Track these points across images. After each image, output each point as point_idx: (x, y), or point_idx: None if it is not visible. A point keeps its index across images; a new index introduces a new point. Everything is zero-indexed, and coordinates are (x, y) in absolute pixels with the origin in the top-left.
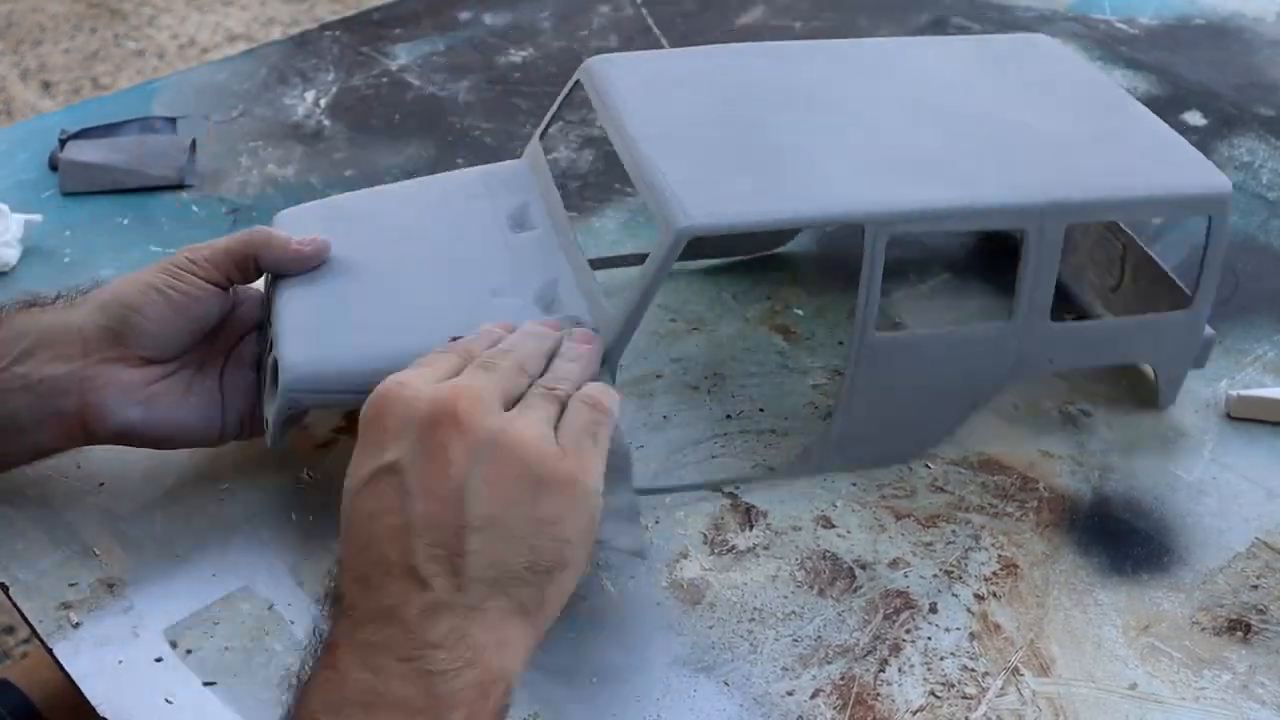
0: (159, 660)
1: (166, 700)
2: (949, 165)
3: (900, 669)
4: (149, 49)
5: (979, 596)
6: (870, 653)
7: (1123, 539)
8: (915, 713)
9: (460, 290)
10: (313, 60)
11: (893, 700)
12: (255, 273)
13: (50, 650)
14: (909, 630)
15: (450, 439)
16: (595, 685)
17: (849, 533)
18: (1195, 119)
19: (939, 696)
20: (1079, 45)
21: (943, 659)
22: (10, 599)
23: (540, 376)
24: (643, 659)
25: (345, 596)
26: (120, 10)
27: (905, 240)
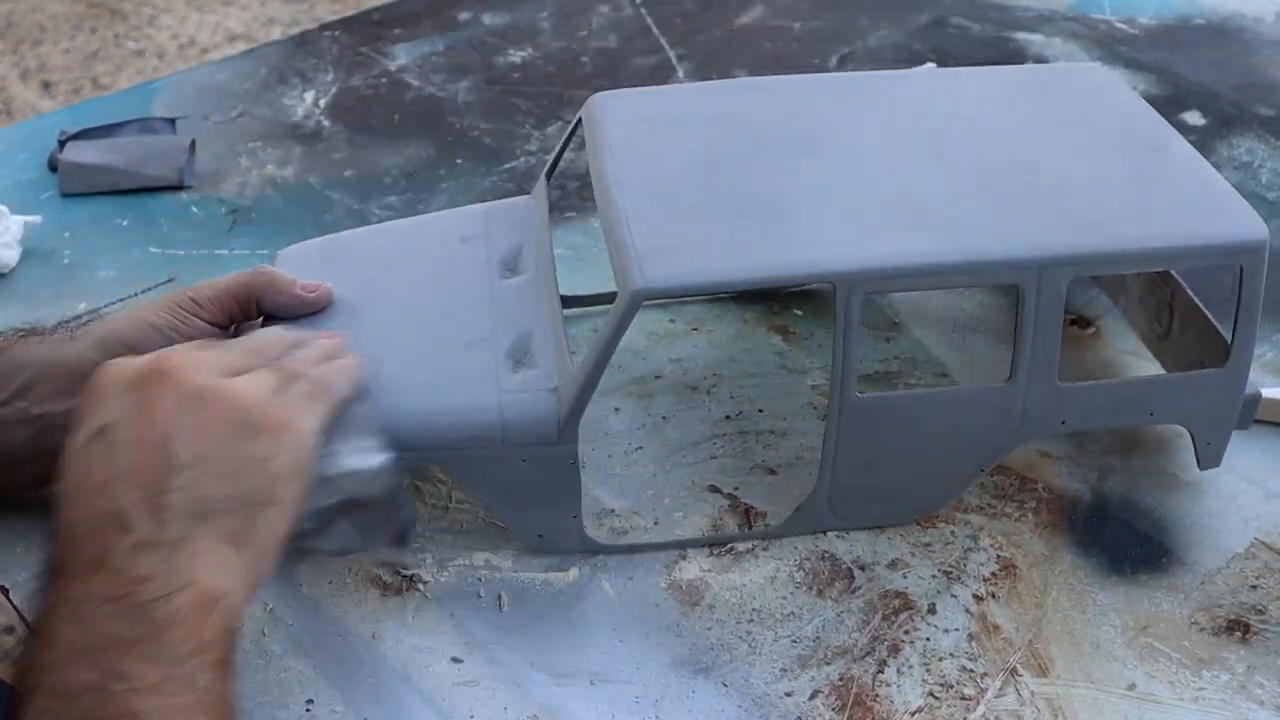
0: None
1: None
2: (944, 214)
3: (899, 670)
4: (149, 49)
5: (978, 597)
6: (869, 653)
7: (1121, 539)
8: (914, 713)
9: (436, 342)
10: (312, 60)
11: (891, 701)
12: (258, 313)
13: None
14: (908, 631)
15: (159, 392)
16: (594, 686)
17: (847, 533)
18: (1195, 119)
19: (938, 697)
20: (1079, 45)
21: (941, 660)
22: (10, 601)
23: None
24: (641, 660)
25: (54, 560)
26: (120, 10)
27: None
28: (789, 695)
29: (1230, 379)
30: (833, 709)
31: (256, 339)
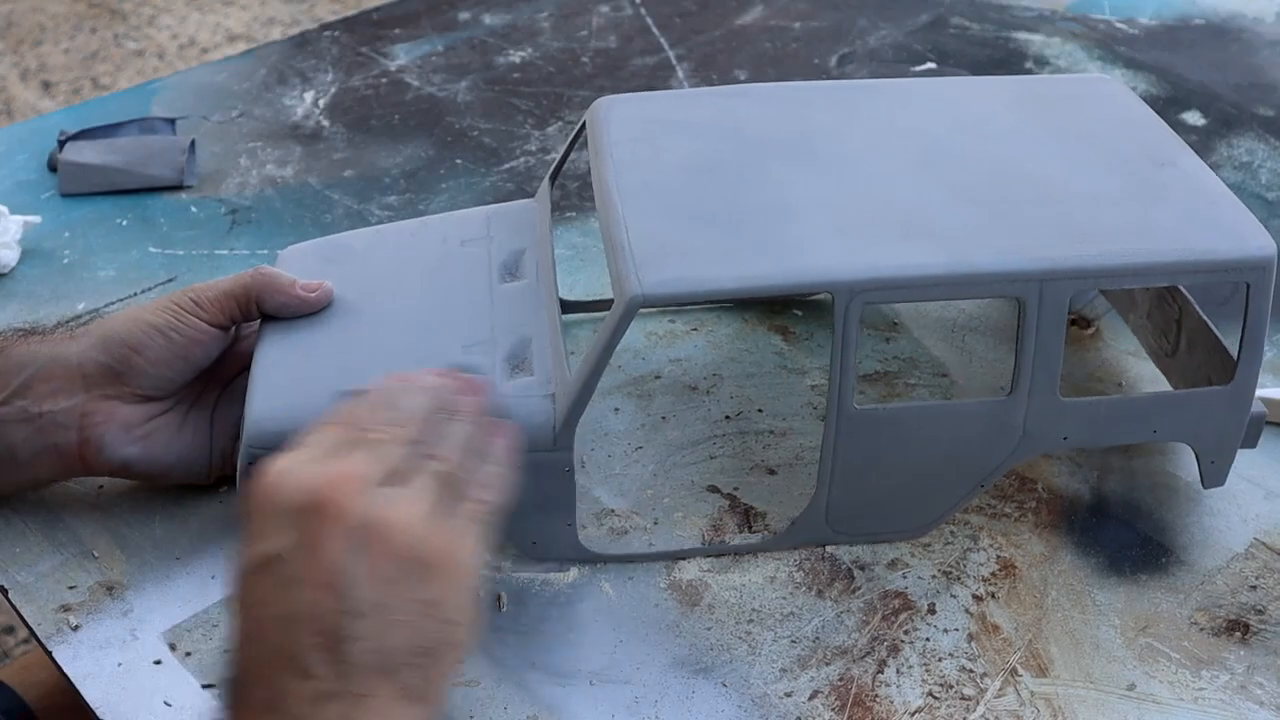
0: (158, 663)
1: (166, 703)
2: (946, 225)
3: (899, 670)
4: (149, 49)
5: (977, 597)
6: (868, 654)
7: (1121, 540)
8: (913, 714)
9: (434, 345)
10: (312, 60)
11: (891, 701)
12: (259, 313)
13: (49, 653)
14: (907, 631)
15: (326, 527)
16: (594, 686)
17: None
18: (1195, 119)
19: (937, 697)
20: (1079, 45)
21: (941, 660)
22: (9, 602)
23: (427, 442)
24: (641, 660)
25: (234, 690)
26: (120, 10)
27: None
28: (789, 695)
29: (1235, 397)
30: (832, 709)
31: (400, 401)
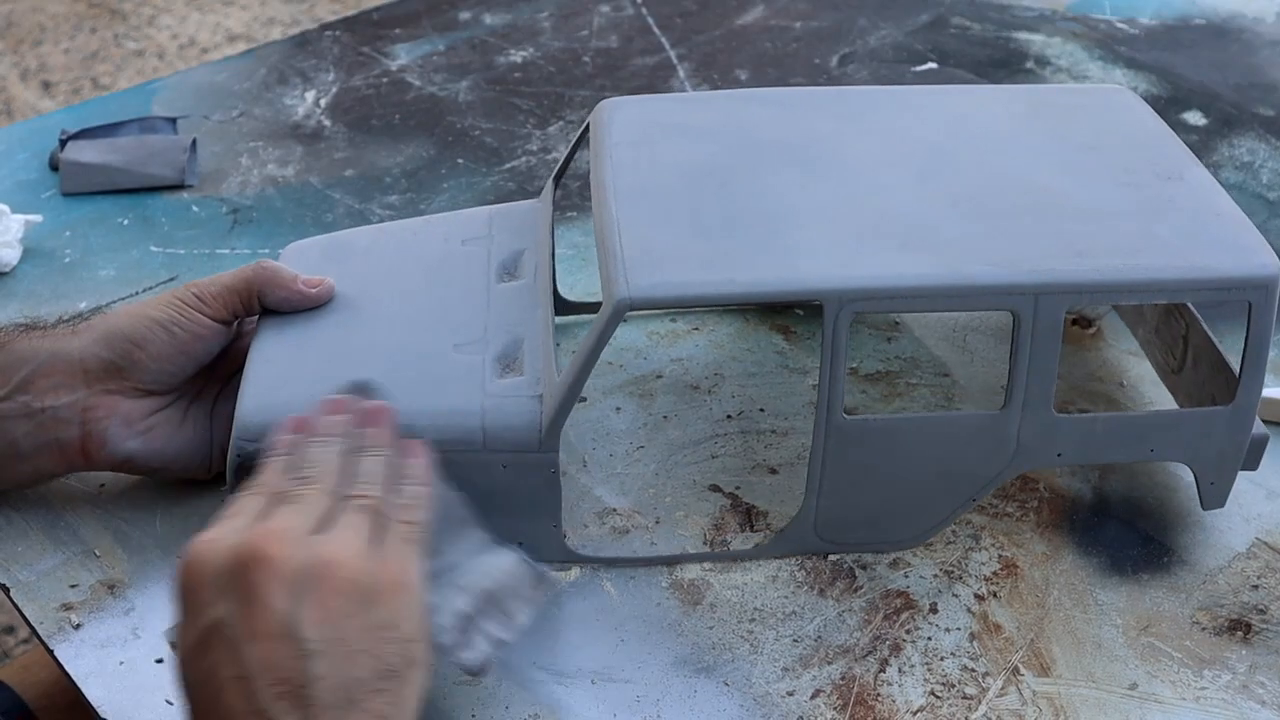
0: (160, 661)
1: (168, 702)
2: (942, 235)
3: (900, 669)
4: (149, 49)
5: (979, 596)
6: (870, 653)
7: (1123, 539)
8: (915, 713)
9: (427, 344)
10: (313, 60)
11: (893, 700)
12: (260, 308)
13: (51, 651)
14: (909, 630)
15: (262, 578)
16: (595, 685)
17: None
18: (1195, 119)
19: (939, 697)
20: (1079, 45)
21: (943, 659)
22: (11, 600)
23: (345, 485)
24: (643, 659)
25: None
26: (120, 10)
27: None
28: (791, 694)
29: (1236, 417)
30: (834, 708)
31: (310, 456)
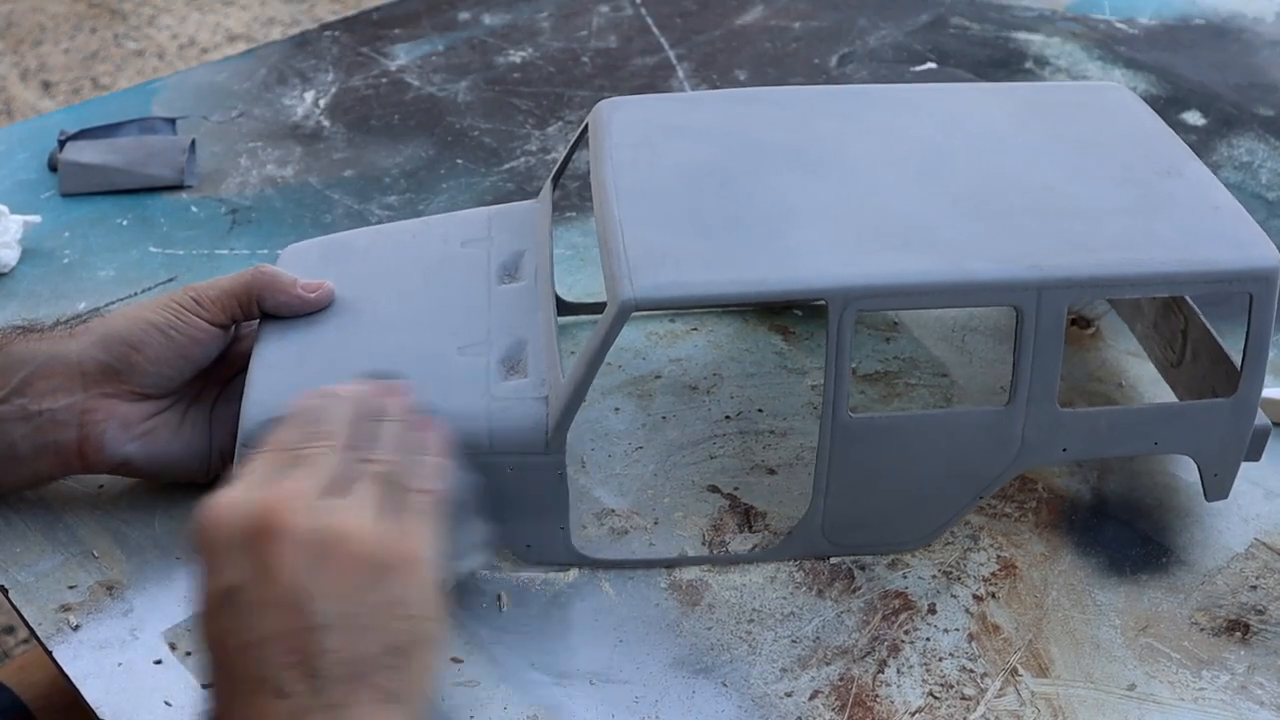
0: (158, 662)
1: (166, 703)
2: (945, 233)
3: (899, 670)
4: (149, 49)
5: (978, 597)
6: (869, 654)
7: (1121, 539)
8: (914, 714)
9: (430, 345)
10: (312, 60)
11: (891, 701)
12: (259, 311)
13: (50, 652)
14: (908, 631)
15: (277, 548)
16: (594, 686)
17: None
18: (1195, 119)
19: (938, 697)
20: (1079, 45)
21: (941, 660)
22: (10, 601)
23: (360, 448)
24: (641, 660)
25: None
26: (120, 10)
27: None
28: (789, 695)
29: (1239, 409)
30: (833, 709)
31: (326, 414)
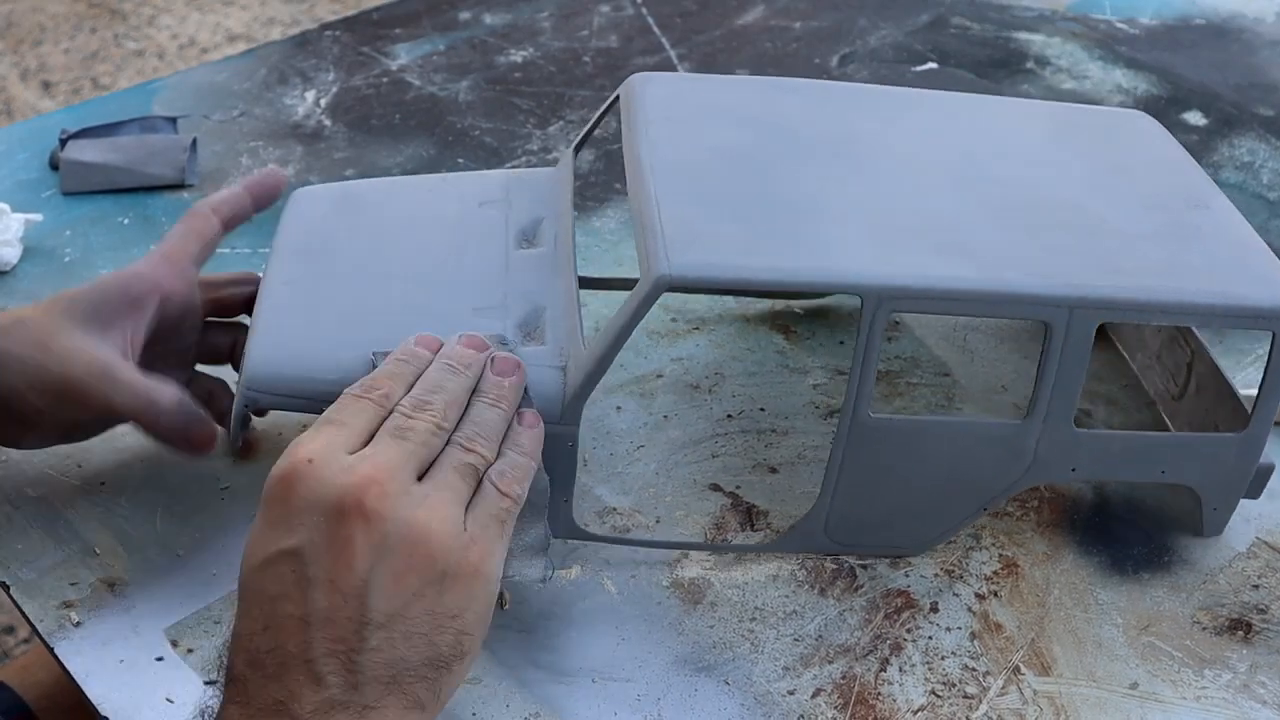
0: (160, 659)
1: (168, 699)
2: (980, 241)
3: (901, 668)
4: (149, 49)
5: (980, 596)
6: (871, 652)
7: (1123, 538)
8: (916, 712)
9: (444, 304)
10: (313, 60)
11: (894, 700)
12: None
13: (51, 649)
14: (910, 629)
15: (356, 531)
16: (596, 684)
17: None
18: (1195, 119)
19: (940, 696)
20: (1079, 45)
21: (944, 658)
22: (11, 598)
23: (461, 429)
24: (643, 658)
25: (238, 680)
26: (120, 10)
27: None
28: (791, 694)
29: (1247, 444)
30: (835, 707)
31: (434, 379)
